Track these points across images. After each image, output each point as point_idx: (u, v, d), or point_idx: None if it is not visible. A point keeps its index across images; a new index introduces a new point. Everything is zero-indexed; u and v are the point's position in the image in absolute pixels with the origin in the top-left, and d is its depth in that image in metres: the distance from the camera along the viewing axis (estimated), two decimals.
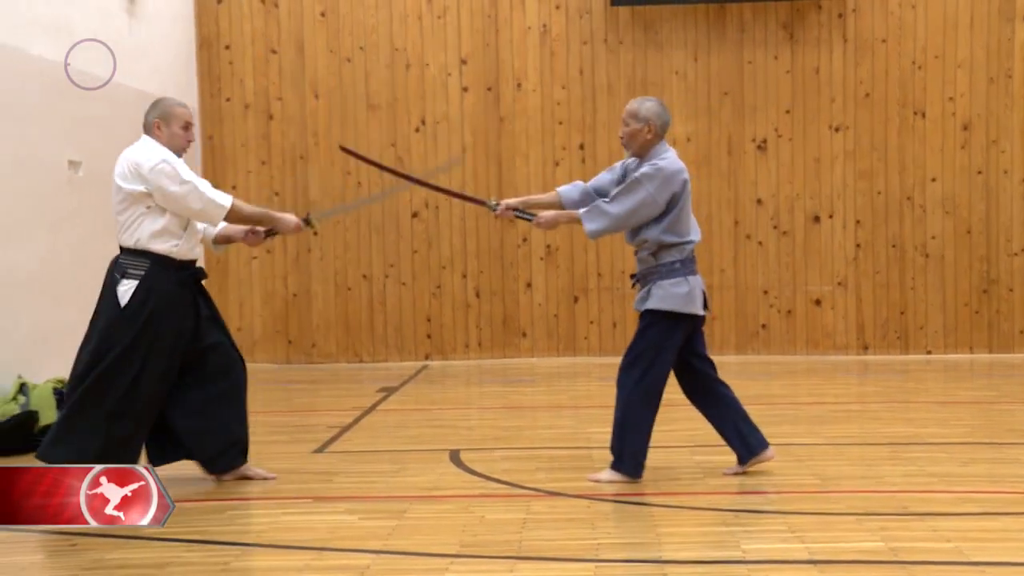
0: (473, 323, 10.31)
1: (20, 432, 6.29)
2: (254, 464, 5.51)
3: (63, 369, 7.17)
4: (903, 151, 10.10)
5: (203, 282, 5.39)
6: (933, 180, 10.09)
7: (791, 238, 10.20)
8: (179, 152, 5.25)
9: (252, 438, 5.50)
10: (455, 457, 5.94)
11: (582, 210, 5.27)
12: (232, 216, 5.24)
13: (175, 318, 5.17)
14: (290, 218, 5.47)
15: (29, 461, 6.02)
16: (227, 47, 10.27)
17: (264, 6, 10.28)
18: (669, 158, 5.22)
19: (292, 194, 10.32)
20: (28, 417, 6.36)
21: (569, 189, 5.49)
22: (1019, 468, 5.54)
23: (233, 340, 5.49)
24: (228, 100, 10.29)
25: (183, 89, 9.92)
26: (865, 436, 6.40)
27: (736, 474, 5.34)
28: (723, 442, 5.43)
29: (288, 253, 10.34)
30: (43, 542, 4.34)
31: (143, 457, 5.28)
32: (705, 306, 5.30)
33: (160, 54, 9.44)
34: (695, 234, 5.26)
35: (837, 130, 10.15)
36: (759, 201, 10.19)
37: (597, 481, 5.24)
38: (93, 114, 8.04)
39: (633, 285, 5.39)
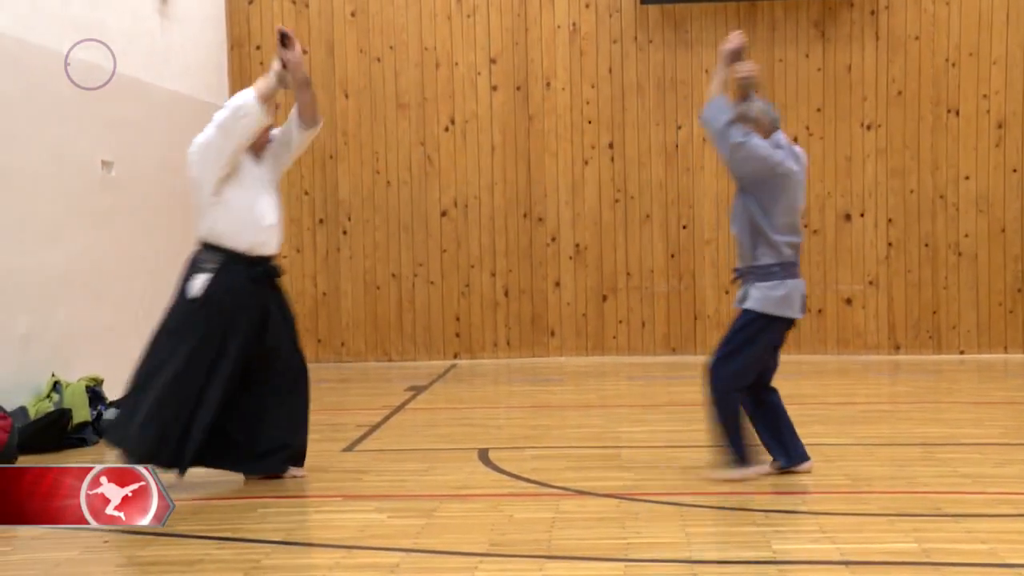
0: (502, 322, 10.32)
1: (54, 430, 6.35)
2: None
3: (97, 368, 7.26)
4: (936, 149, 10.01)
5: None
6: (966, 178, 9.99)
7: (822, 237, 10.14)
8: (259, 149, 5.35)
9: None
10: (484, 456, 5.94)
11: (718, 97, 5.23)
12: (262, 98, 5.25)
13: (243, 314, 5.18)
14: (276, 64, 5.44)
15: (63, 459, 6.08)
16: (258, 47, 10.33)
17: (295, 6, 10.33)
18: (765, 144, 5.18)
19: (322, 193, 10.36)
20: (61, 415, 6.43)
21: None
22: None
23: (299, 344, 5.48)
24: None
25: (214, 89, 9.99)
26: (897, 437, 6.34)
27: (766, 474, 5.31)
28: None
29: (318, 252, 10.39)
30: (76, 539, 4.38)
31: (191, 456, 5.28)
32: (803, 309, 5.27)
33: (191, 54, 9.51)
34: (796, 235, 5.22)
35: (869, 128, 10.07)
36: None
37: (729, 480, 5.18)
38: (126, 115, 8.11)
39: (734, 280, 5.38)
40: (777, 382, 5.61)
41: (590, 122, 10.23)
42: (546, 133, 10.24)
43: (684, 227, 10.19)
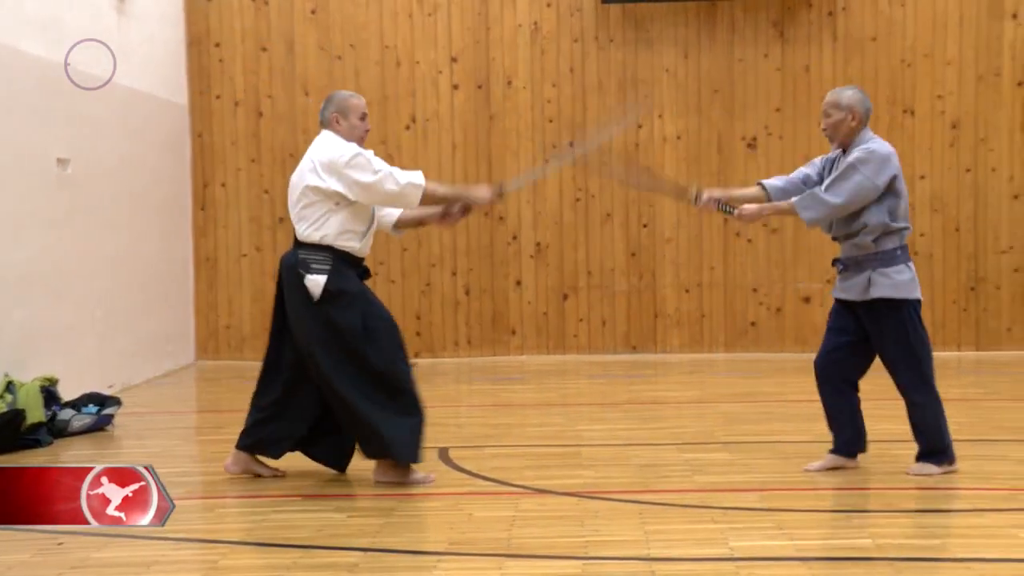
0: (463, 321, 10.32)
1: (7, 431, 6.27)
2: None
3: (54, 368, 7.17)
4: None
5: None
6: (922, 178, 10.12)
7: (780, 236, 10.22)
8: (359, 142, 5.33)
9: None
10: (444, 455, 5.94)
11: (795, 199, 5.22)
12: (427, 198, 5.30)
13: (358, 313, 5.23)
14: (483, 190, 5.50)
15: (15, 460, 6.01)
16: (217, 45, 10.25)
17: (254, 4, 10.27)
18: (878, 141, 5.24)
19: (282, 192, 10.29)
20: (15, 416, 6.34)
21: (774, 181, 5.45)
22: (1006, 465, 5.56)
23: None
24: (218, 98, 10.27)
25: (173, 87, 9.91)
26: None
27: (823, 469, 5.34)
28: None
29: (278, 251, 10.32)
30: (29, 541, 4.33)
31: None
32: None
33: (150, 52, 9.42)
34: (908, 221, 5.26)
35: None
36: None
37: (928, 475, 5.19)
38: (83, 112, 8.02)
39: (841, 271, 5.30)
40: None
41: (551, 121, 10.25)
42: (507, 132, 10.25)
43: (645, 226, 10.24)
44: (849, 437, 5.37)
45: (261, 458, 5.44)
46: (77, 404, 6.81)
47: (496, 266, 10.30)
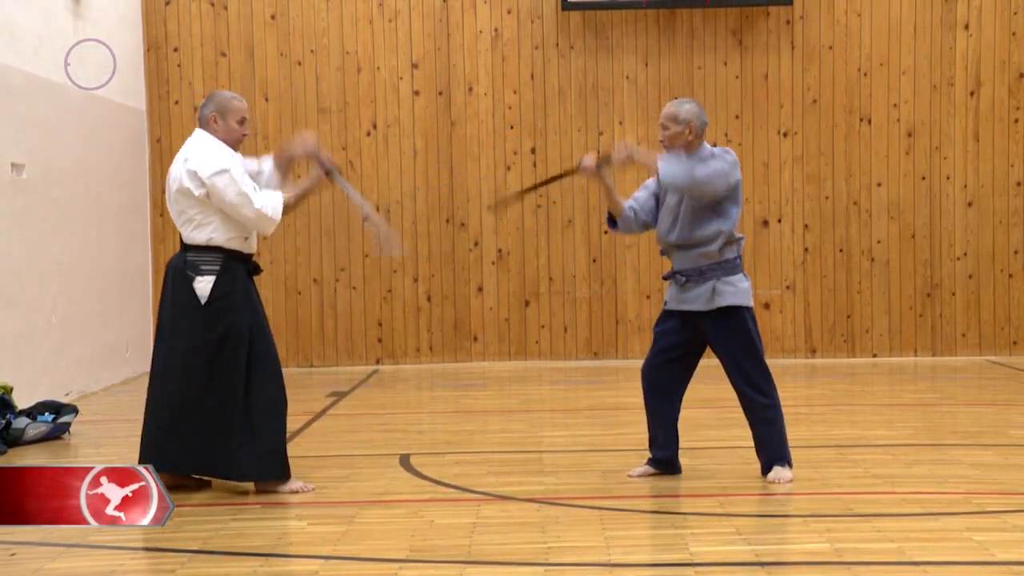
0: (424, 327, 10.30)
1: None
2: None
3: (7, 375, 7.07)
4: (849, 157, 10.24)
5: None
6: (879, 185, 10.24)
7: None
8: (234, 146, 5.25)
9: None
10: (405, 462, 5.93)
11: (662, 156, 5.19)
12: (288, 211, 5.28)
13: (249, 312, 5.18)
14: (303, 139, 5.39)
15: None
16: (175, 49, 10.17)
17: (213, 9, 10.20)
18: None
19: None
20: None
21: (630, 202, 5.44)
22: (960, 469, 5.63)
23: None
24: (176, 103, 10.19)
25: (130, 91, 9.81)
26: (812, 439, 6.47)
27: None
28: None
29: None
30: None
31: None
32: None
33: (107, 56, 9.32)
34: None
35: (785, 135, 10.27)
36: None
37: (787, 480, 5.22)
38: (37, 116, 7.93)
39: (683, 283, 5.32)
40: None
41: (512, 127, 10.26)
42: (468, 138, 10.25)
43: (606, 232, 10.27)
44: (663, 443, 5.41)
45: None
46: (32, 412, 6.72)
47: (458, 272, 10.30)
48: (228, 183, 5.08)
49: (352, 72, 10.23)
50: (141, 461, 5.15)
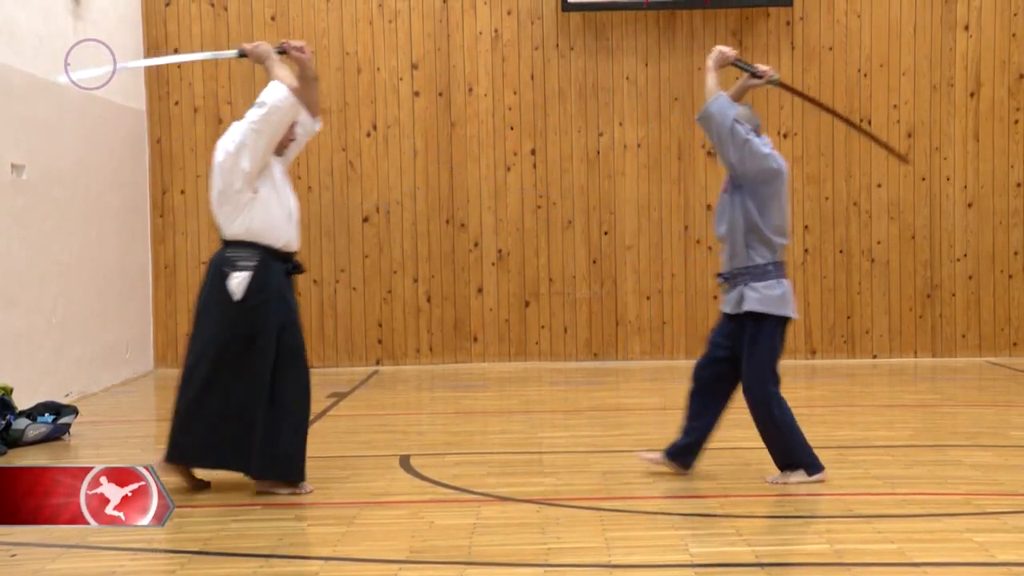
0: (424, 328, 10.30)
1: None
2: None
3: (7, 376, 7.07)
4: (849, 157, 10.24)
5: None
6: (878, 186, 10.24)
7: None
8: (280, 150, 5.33)
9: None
10: (405, 462, 5.93)
11: (720, 95, 5.25)
12: (294, 92, 5.22)
13: (282, 311, 5.17)
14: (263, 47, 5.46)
15: None
16: (175, 50, 10.17)
17: (213, 9, 10.20)
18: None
19: None
20: None
21: None
22: (960, 470, 5.64)
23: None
24: (177, 103, 10.19)
25: (130, 92, 9.82)
26: (812, 440, 6.42)
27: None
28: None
29: None
30: None
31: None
32: (794, 310, 5.34)
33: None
34: (787, 237, 5.28)
35: (786, 136, 10.27)
36: (709, 207, 10.27)
37: (785, 483, 5.21)
38: (37, 116, 7.93)
39: (721, 283, 5.36)
40: None
41: (512, 128, 10.26)
42: (468, 139, 10.25)
43: (606, 233, 10.28)
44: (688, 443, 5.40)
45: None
46: (32, 413, 6.72)
47: (457, 273, 10.29)
48: (230, 135, 5.26)
49: (352, 73, 10.23)
50: (168, 453, 5.20)
